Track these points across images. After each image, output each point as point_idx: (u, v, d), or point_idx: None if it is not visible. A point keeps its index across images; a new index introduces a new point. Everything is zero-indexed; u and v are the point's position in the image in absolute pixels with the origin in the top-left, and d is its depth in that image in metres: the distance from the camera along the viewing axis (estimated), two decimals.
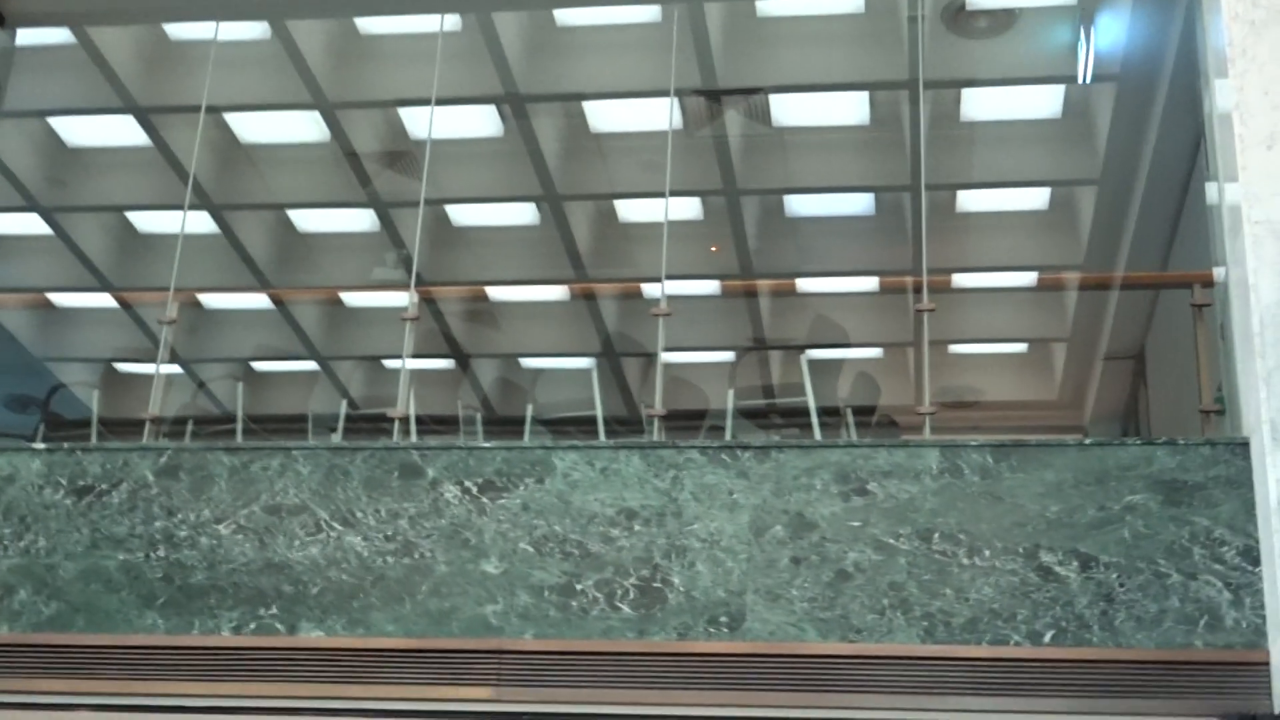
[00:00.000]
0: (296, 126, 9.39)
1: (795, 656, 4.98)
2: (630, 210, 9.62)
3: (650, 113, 8.58)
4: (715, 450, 5.40)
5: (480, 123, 9.11)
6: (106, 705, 5.30)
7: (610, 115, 9.16)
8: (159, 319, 7.05)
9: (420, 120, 8.89)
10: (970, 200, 9.19)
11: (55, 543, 5.53)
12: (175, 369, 8.61)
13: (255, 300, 10.20)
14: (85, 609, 5.38)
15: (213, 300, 9.57)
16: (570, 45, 8.67)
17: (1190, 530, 5.00)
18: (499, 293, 9.82)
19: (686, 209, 9.41)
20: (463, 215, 9.76)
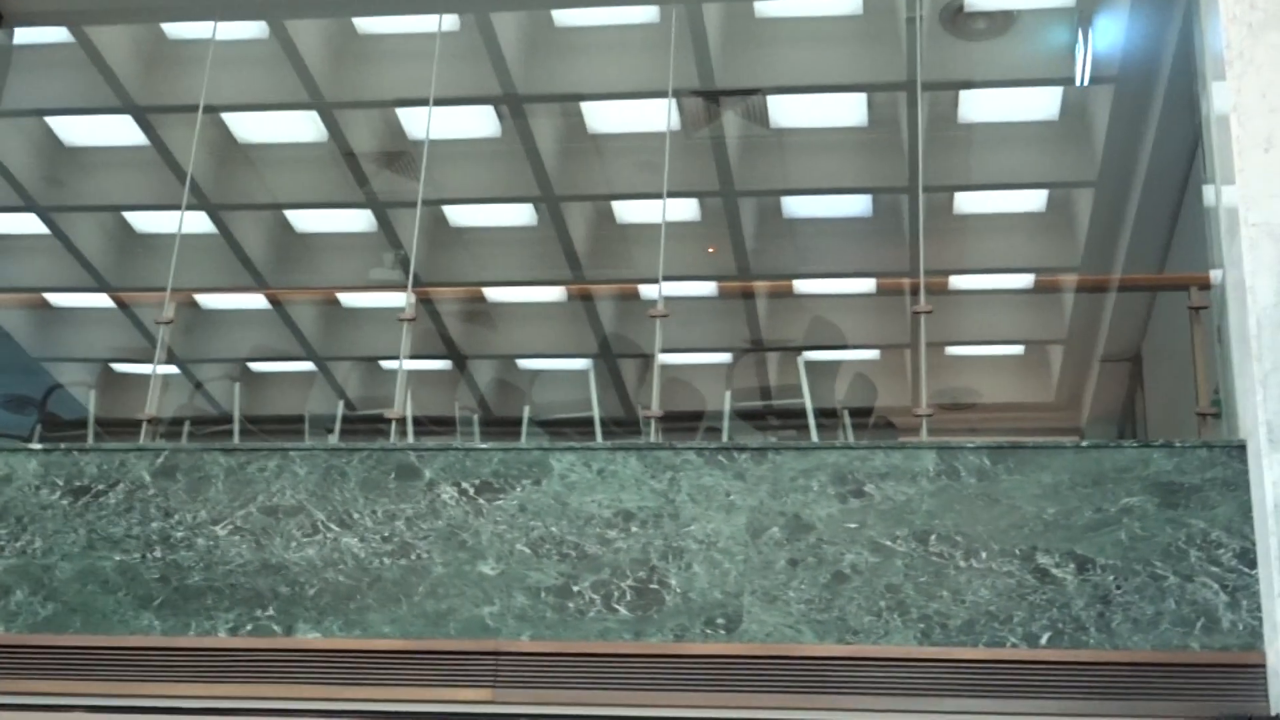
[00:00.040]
0: (294, 126, 9.38)
1: (792, 658, 4.98)
2: (628, 211, 9.61)
3: (648, 113, 8.57)
4: (712, 452, 5.40)
5: (478, 123, 9.10)
6: (102, 706, 5.29)
7: (608, 116, 9.15)
8: (156, 319, 7.04)
9: (418, 120, 8.88)
10: (968, 202, 9.18)
11: (52, 543, 5.52)
12: (172, 369, 8.60)
13: (252, 300, 10.19)
14: (82, 610, 5.38)
15: (210, 300, 9.56)
16: (568, 45, 8.67)
17: (1187, 532, 5.01)
18: (496, 293, 9.82)
19: (684, 210, 9.40)
20: (460, 216, 9.76)
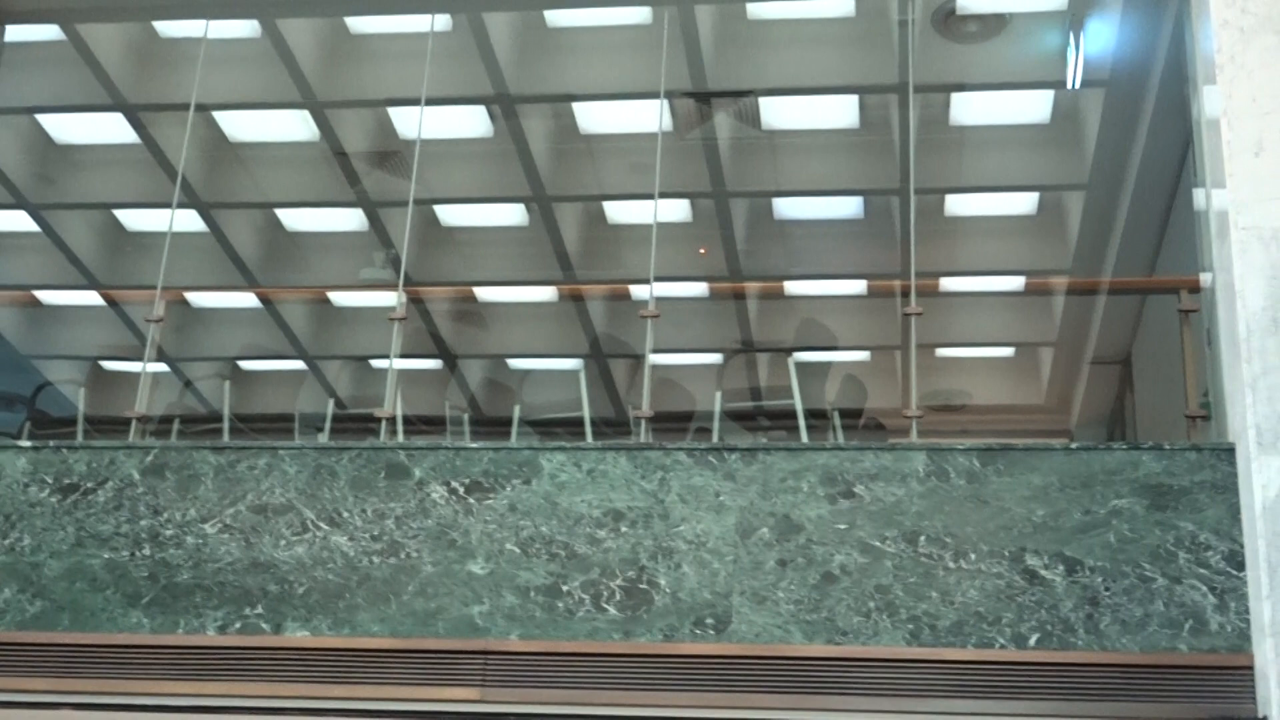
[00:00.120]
0: (286, 125, 9.37)
1: (781, 658, 4.99)
2: (619, 212, 9.61)
3: (640, 114, 8.58)
4: (702, 452, 5.40)
5: (470, 123, 9.10)
6: (91, 704, 5.27)
7: (600, 117, 9.15)
8: (146, 317, 7.03)
9: (409, 120, 8.87)
10: (959, 204, 9.20)
11: (40, 541, 5.51)
12: (162, 367, 8.58)
13: (243, 299, 10.17)
14: (70, 608, 5.37)
15: (200, 299, 9.54)
16: (560, 46, 8.66)
17: (1175, 535, 5.02)
18: (487, 293, 9.81)
19: (675, 211, 9.40)
20: (451, 215, 9.75)
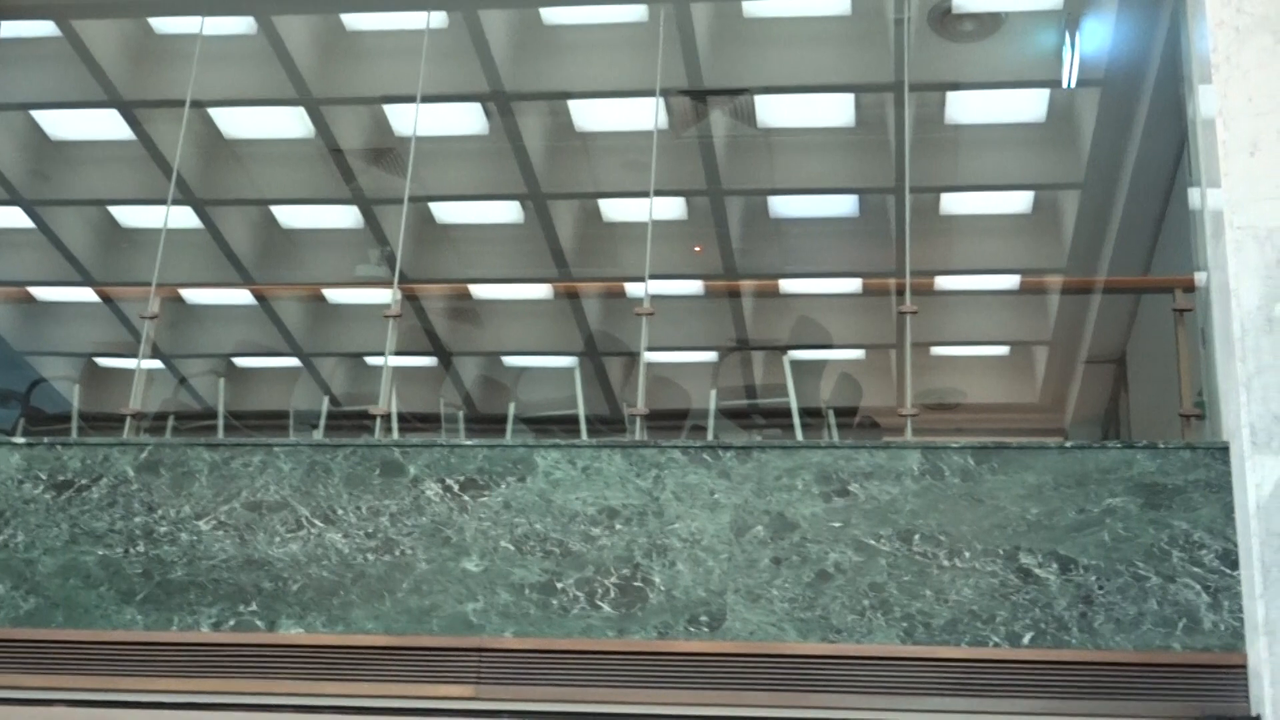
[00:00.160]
0: (281, 122, 9.36)
1: (775, 656, 4.99)
2: (614, 209, 9.61)
3: (636, 112, 8.57)
4: (697, 450, 5.40)
5: (465, 120, 9.10)
6: (85, 701, 5.27)
7: (595, 114, 9.15)
8: (141, 314, 7.02)
9: (405, 117, 8.88)
10: (954, 203, 9.20)
11: (34, 537, 5.51)
12: (157, 364, 8.57)
13: (238, 296, 10.16)
14: (64, 604, 5.36)
15: (195, 296, 9.53)
16: (556, 44, 8.66)
17: (1169, 533, 5.02)
18: (482, 291, 9.80)
19: (671, 209, 9.40)
20: (447, 213, 9.75)
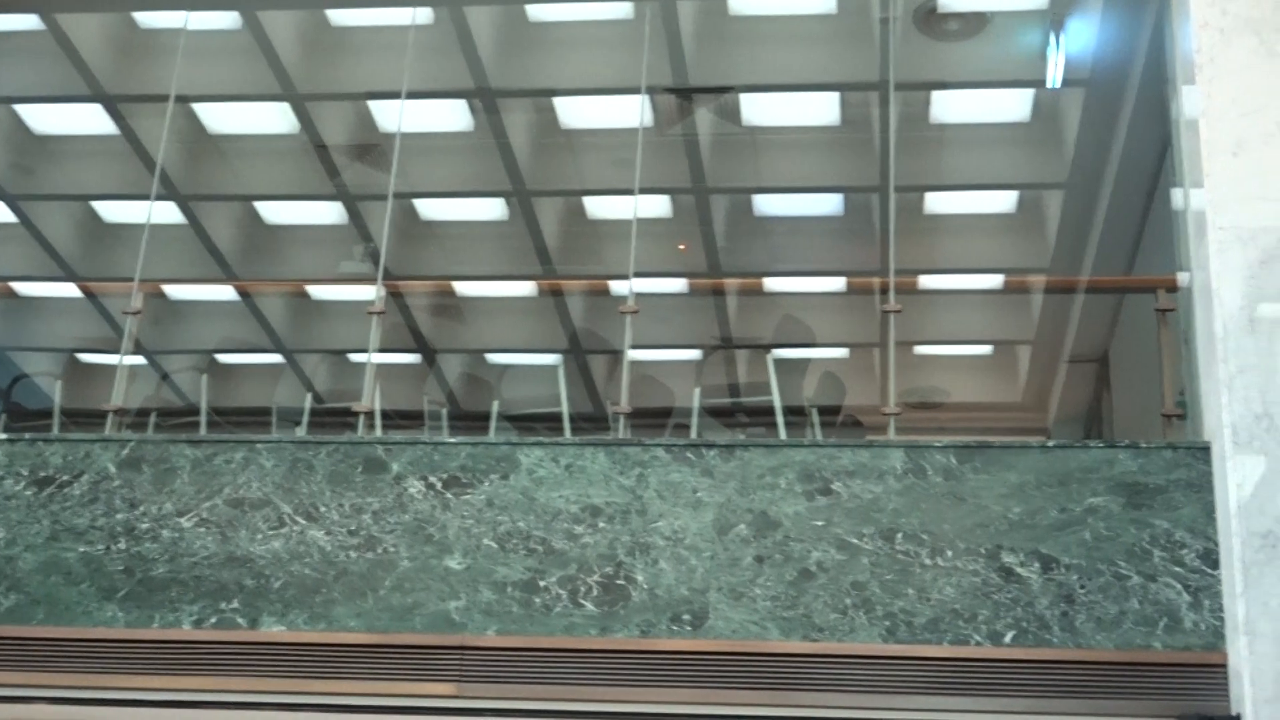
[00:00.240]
0: (266, 117, 9.34)
1: (758, 655, 4.99)
2: (599, 207, 9.60)
3: (621, 109, 8.57)
4: (680, 448, 5.40)
5: (450, 117, 9.08)
6: (66, 698, 5.25)
7: (581, 111, 9.14)
8: (123, 310, 6.99)
9: (390, 113, 8.86)
10: (938, 202, 9.21)
11: (15, 534, 5.49)
12: (139, 360, 8.54)
13: (221, 292, 10.14)
14: (45, 601, 5.34)
15: (178, 291, 9.50)
16: (542, 40, 8.65)
17: (1151, 533, 5.04)
18: (466, 288, 9.79)
19: (656, 206, 9.40)
20: (431, 209, 9.73)
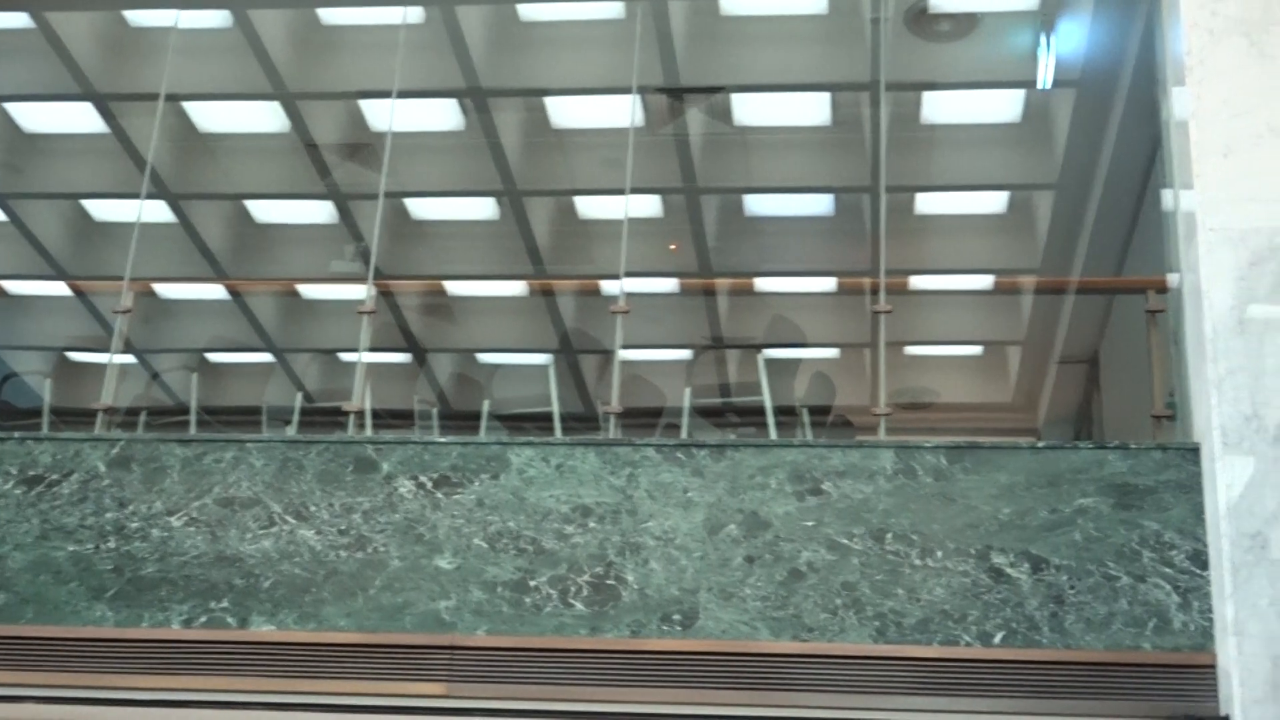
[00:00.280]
0: (256, 116, 9.33)
1: (748, 655, 4.99)
2: (590, 207, 9.61)
3: (612, 109, 8.58)
4: (671, 448, 5.40)
5: (441, 116, 9.08)
6: (55, 698, 5.24)
7: (572, 111, 9.14)
8: (113, 308, 6.98)
9: (381, 112, 8.85)
10: (929, 202, 9.22)
11: (4, 533, 5.47)
12: (129, 359, 8.53)
13: (211, 291, 10.13)
14: (34, 600, 5.33)
15: (168, 290, 9.49)
16: (533, 40, 8.65)
17: (1140, 534, 5.04)
18: (457, 287, 9.79)
19: (646, 206, 9.40)
20: (422, 209, 9.73)
